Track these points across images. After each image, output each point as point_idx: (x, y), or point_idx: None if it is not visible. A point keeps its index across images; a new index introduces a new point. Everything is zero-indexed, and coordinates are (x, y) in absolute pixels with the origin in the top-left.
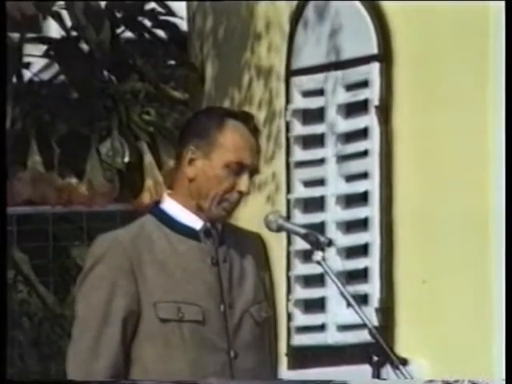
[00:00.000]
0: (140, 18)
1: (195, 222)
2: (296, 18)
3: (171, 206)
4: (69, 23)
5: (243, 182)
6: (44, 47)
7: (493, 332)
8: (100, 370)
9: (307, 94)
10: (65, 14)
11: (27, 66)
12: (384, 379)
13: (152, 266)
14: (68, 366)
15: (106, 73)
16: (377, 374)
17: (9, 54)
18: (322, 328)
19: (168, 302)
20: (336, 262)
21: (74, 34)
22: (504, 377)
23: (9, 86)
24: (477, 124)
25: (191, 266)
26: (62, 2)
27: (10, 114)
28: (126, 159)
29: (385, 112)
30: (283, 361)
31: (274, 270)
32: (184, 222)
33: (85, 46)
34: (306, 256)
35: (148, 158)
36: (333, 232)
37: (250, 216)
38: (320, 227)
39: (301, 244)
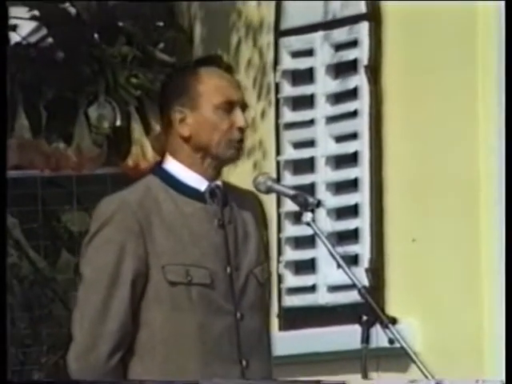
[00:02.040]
0: None
1: (200, 183)
2: None
3: (174, 166)
4: None
5: (239, 118)
6: (30, 9)
7: (483, 291)
8: (109, 332)
9: (296, 54)
10: None
11: (14, 28)
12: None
13: (160, 228)
14: (75, 328)
15: (93, 36)
16: (366, 334)
17: None
18: (312, 289)
19: (176, 265)
20: (326, 223)
21: None
22: (504, 377)
23: None
24: (466, 82)
25: (198, 228)
26: None
27: None
28: (118, 123)
29: (374, 72)
30: (274, 321)
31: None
32: (188, 183)
33: (72, 9)
34: (296, 217)
35: (135, 122)
36: (323, 193)
37: (237, 183)
38: (310, 188)
39: (291, 206)
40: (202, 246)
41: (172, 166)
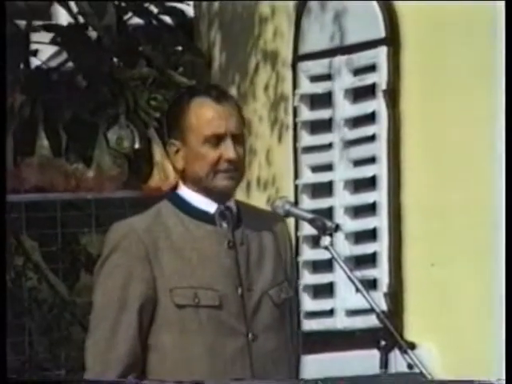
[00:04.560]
0: (147, 5)
1: (209, 206)
2: (302, 2)
3: (186, 190)
4: (75, 10)
5: (227, 150)
6: (51, 35)
7: (501, 315)
8: (118, 358)
9: (314, 78)
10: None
11: (35, 53)
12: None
13: (168, 252)
14: (87, 356)
15: (113, 59)
16: (385, 359)
17: (16, 42)
18: (330, 313)
19: (184, 288)
20: (344, 247)
21: (82, 20)
22: (504, 377)
23: (17, 73)
24: (484, 108)
25: (208, 250)
26: None
27: (18, 100)
28: (137, 145)
29: (392, 96)
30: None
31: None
32: (198, 206)
33: (93, 33)
34: (314, 241)
35: (156, 144)
36: (341, 217)
37: None
38: (328, 212)
39: (309, 229)
40: (211, 267)
41: (184, 190)
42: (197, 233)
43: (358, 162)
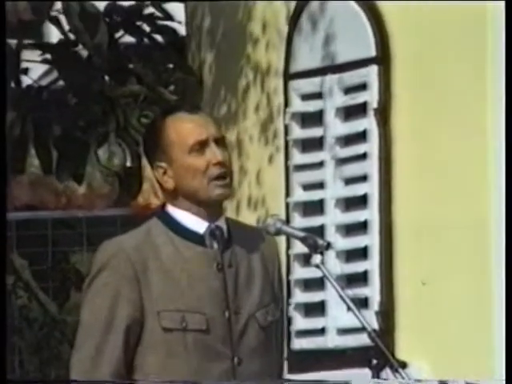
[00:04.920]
0: (138, 23)
1: (199, 225)
2: (293, 20)
3: (176, 210)
4: (67, 28)
5: (213, 154)
6: (42, 52)
7: (493, 335)
8: (102, 377)
9: (306, 97)
10: (63, 18)
11: (25, 71)
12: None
13: (157, 273)
14: (71, 373)
15: (104, 77)
16: (376, 378)
17: (7, 60)
18: (322, 332)
19: (172, 311)
20: (336, 266)
21: (73, 38)
22: (504, 377)
23: (7, 91)
24: (476, 125)
25: (197, 272)
26: (60, 7)
27: (8, 118)
28: (128, 164)
29: (383, 114)
30: (283, 365)
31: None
32: (188, 226)
33: (83, 51)
34: (306, 260)
35: (146, 161)
36: (332, 235)
37: None
38: (319, 230)
39: (300, 248)
40: (199, 290)
41: (173, 209)
42: (186, 254)
43: (350, 180)
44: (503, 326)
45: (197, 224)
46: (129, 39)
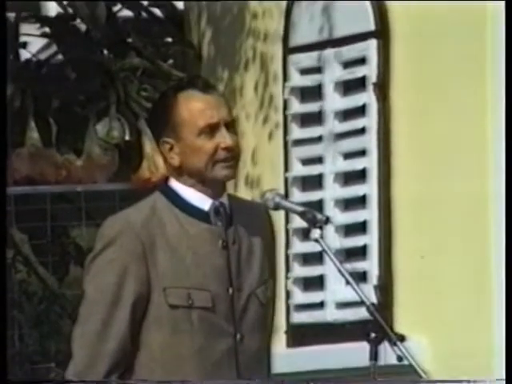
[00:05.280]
0: None
1: (203, 202)
2: None
3: (180, 185)
4: (65, 1)
5: (222, 138)
6: (41, 26)
7: (492, 308)
8: (108, 352)
9: (305, 71)
10: None
11: (24, 45)
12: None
13: (163, 250)
14: (74, 346)
15: (103, 51)
16: (375, 351)
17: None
18: (320, 305)
19: (178, 288)
20: (334, 240)
21: (71, 12)
22: (504, 376)
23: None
24: (475, 100)
25: (202, 249)
26: None
27: (8, 92)
28: (127, 136)
29: (382, 89)
30: (282, 338)
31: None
32: (193, 203)
33: (82, 25)
34: (305, 234)
35: (147, 135)
36: (331, 210)
37: None
38: (318, 205)
39: (299, 222)
40: (204, 268)
41: (177, 185)
42: (192, 231)
43: (348, 155)
44: (502, 300)
45: (201, 201)
46: (127, 13)
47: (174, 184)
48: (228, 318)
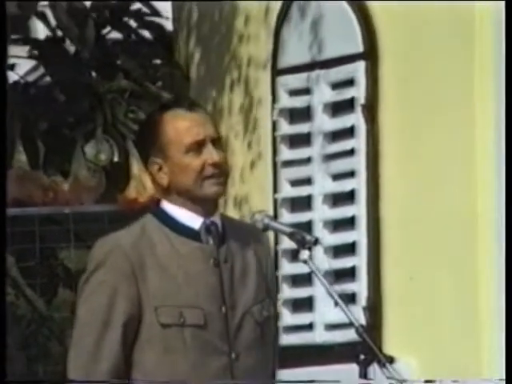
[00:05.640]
0: (125, 19)
1: (194, 221)
2: (281, 16)
3: (170, 206)
4: (54, 23)
5: (209, 154)
6: (30, 48)
7: (481, 330)
8: (101, 372)
9: (293, 93)
10: (50, 14)
11: (12, 67)
12: (371, 379)
13: (154, 269)
14: (69, 367)
15: (91, 73)
16: (364, 373)
17: None
18: (309, 327)
19: (169, 307)
20: (323, 261)
21: (60, 34)
22: (504, 376)
23: None
24: (464, 121)
25: (193, 268)
26: (46, 2)
27: None
28: (116, 158)
29: (371, 110)
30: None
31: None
32: (183, 222)
33: (70, 47)
34: (293, 255)
35: (134, 157)
36: (320, 231)
37: None
38: (307, 226)
39: (288, 243)
40: (196, 286)
41: (167, 206)
42: (182, 250)
43: (337, 176)
44: (491, 321)
45: (192, 220)
46: (116, 35)
47: (165, 205)
48: (222, 336)
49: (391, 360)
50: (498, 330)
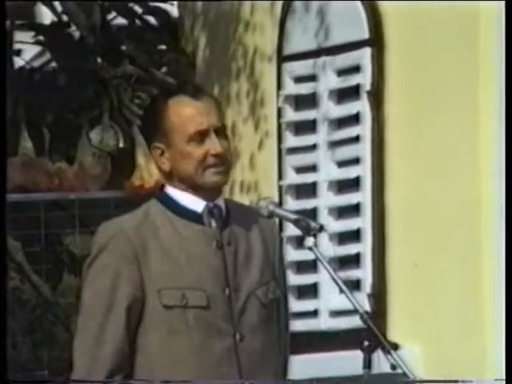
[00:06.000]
0: (131, 5)
1: (197, 204)
2: (286, 3)
3: (174, 190)
4: (59, 9)
5: (212, 145)
6: (35, 34)
7: (485, 317)
8: (105, 356)
9: (299, 79)
10: None
11: (18, 52)
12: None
13: (157, 252)
14: (75, 354)
15: (96, 58)
16: (368, 360)
17: None
18: (314, 314)
19: (172, 289)
20: (328, 248)
21: (65, 19)
22: (504, 376)
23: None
24: (469, 109)
25: (196, 250)
26: None
27: None
28: (120, 144)
29: (376, 97)
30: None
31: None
32: (186, 205)
33: (76, 32)
34: (298, 242)
35: (140, 142)
36: (325, 218)
37: None
38: (312, 213)
39: (293, 230)
40: (199, 268)
41: (171, 190)
42: (185, 233)
43: (342, 163)
44: (495, 307)
45: (195, 203)
46: (121, 21)
47: (168, 189)
48: (226, 318)
49: (395, 347)
50: (502, 318)
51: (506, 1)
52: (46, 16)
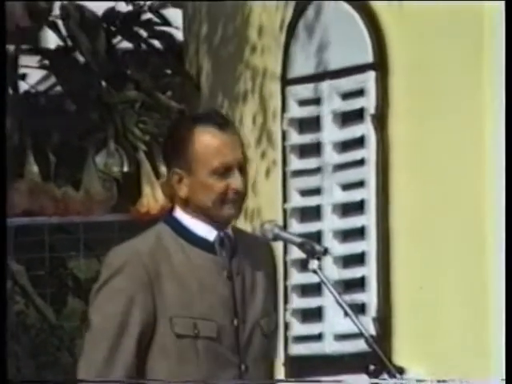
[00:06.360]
0: (136, 29)
1: (209, 233)
2: (290, 26)
3: (185, 216)
4: (65, 33)
5: (234, 181)
6: (40, 58)
7: (491, 340)
8: (114, 379)
9: (303, 102)
10: (61, 24)
11: (23, 77)
12: None
13: (170, 279)
14: (81, 374)
15: (101, 83)
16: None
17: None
18: (319, 337)
19: (184, 318)
20: (333, 271)
21: (70, 44)
22: (504, 377)
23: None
24: (473, 131)
25: (207, 279)
26: (58, 12)
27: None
28: (125, 169)
29: (381, 120)
30: (280, 370)
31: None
32: (198, 234)
33: (81, 57)
34: (303, 265)
35: (145, 167)
36: (329, 241)
37: None
38: (317, 236)
39: (297, 253)
40: (210, 298)
41: (181, 215)
42: (197, 261)
43: (347, 186)
44: (501, 330)
45: (206, 231)
46: (126, 45)
47: (179, 214)
48: (233, 349)
49: (401, 370)
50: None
51: (506, 1)
52: (50, 40)
